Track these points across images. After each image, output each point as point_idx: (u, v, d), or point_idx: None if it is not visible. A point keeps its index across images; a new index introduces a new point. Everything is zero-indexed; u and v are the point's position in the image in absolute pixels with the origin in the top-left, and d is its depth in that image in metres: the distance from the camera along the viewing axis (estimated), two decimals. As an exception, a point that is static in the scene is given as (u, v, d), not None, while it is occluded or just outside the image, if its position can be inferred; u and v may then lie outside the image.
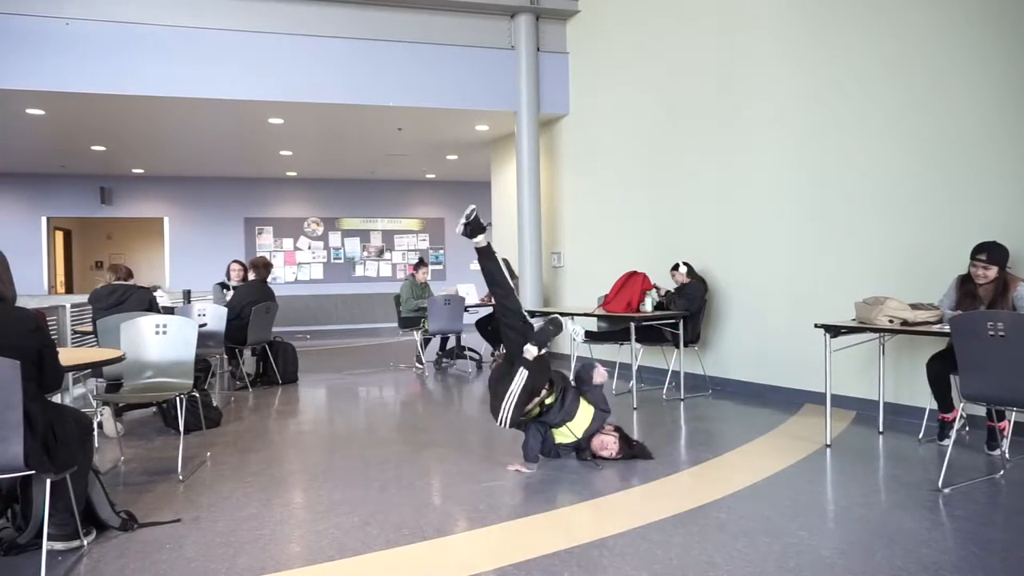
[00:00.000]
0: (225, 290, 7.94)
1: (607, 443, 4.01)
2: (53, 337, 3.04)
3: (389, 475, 3.93)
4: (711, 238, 6.65)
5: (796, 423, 5.10)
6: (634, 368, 5.95)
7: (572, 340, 6.59)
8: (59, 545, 2.83)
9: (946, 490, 3.47)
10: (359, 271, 14.58)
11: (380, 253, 14.72)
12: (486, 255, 4.28)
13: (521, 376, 3.83)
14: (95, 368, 4.34)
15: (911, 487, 3.56)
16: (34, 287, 12.22)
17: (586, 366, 4.24)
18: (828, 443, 4.38)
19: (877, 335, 4.50)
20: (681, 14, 7.00)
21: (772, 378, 6.08)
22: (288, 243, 14.20)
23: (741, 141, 6.33)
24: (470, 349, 8.57)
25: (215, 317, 6.17)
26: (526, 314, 4.31)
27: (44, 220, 13.07)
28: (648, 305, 6.08)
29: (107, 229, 16.11)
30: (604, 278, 7.03)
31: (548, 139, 9.09)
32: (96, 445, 3.61)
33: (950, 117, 4.79)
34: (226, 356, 7.31)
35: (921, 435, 4.48)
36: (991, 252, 3.96)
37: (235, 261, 8.22)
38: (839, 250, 5.52)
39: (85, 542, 2.89)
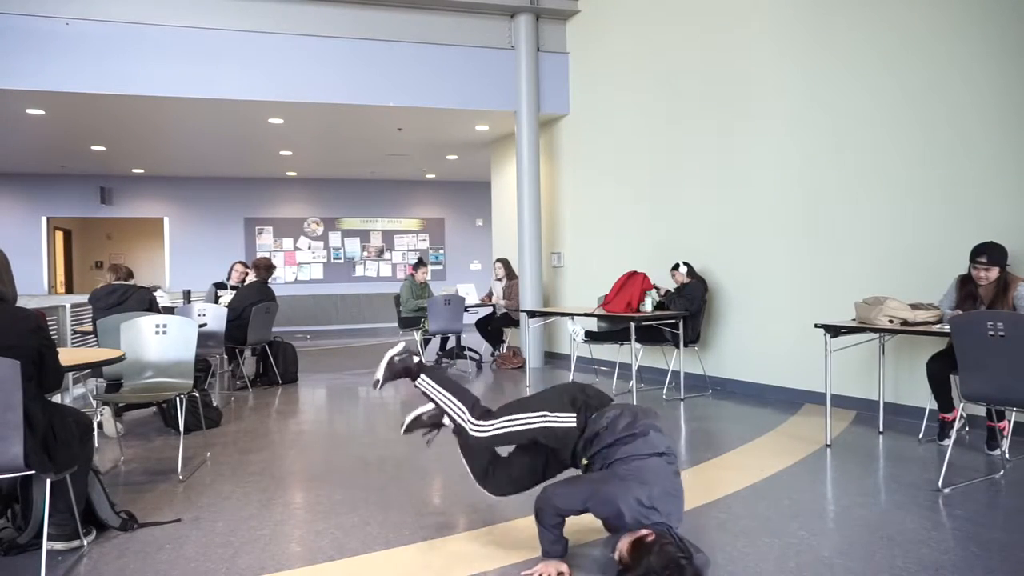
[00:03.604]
0: (220, 290, 7.93)
1: (621, 548, 2.46)
2: (53, 337, 3.03)
3: (389, 475, 3.93)
4: (711, 238, 6.65)
5: (796, 423, 5.10)
6: (634, 368, 5.95)
7: (572, 340, 6.61)
8: (59, 545, 2.84)
9: (946, 490, 3.47)
10: (359, 271, 14.58)
11: (380, 253, 14.72)
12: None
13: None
14: (95, 368, 4.34)
15: (911, 487, 3.56)
16: (34, 287, 12.21)
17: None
18: (828, 443, 4.38)
19: (877, 335, 4.50)
20: (681, 14, 7.00)
21: (772, 378, 6.08)
22: (288, 243, 14.20)
23: (741, 141, 6.33)
24: (470, 349, 8.57)
25: (215, 317, 6.17)
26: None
27: (44, 220, 13.06)
28: (648, 305, 6.08)
29: (107, 229, 16.11)
30: (604, 278, 7.04)
31: (548, 139, 9.09)
32: (96, 445, 3.61)
33: (949, 116, 4.79)
34: (226, 356, 7.31)
35: (921, 435, 4.48)
36: (991, 254, 3.95)
37: (239, 262, 8.23)
38: (839, 250, 5.52)
39: (85, 542, 2.89)
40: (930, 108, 4.90)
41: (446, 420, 2.98)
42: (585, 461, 2.67)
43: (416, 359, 3.10)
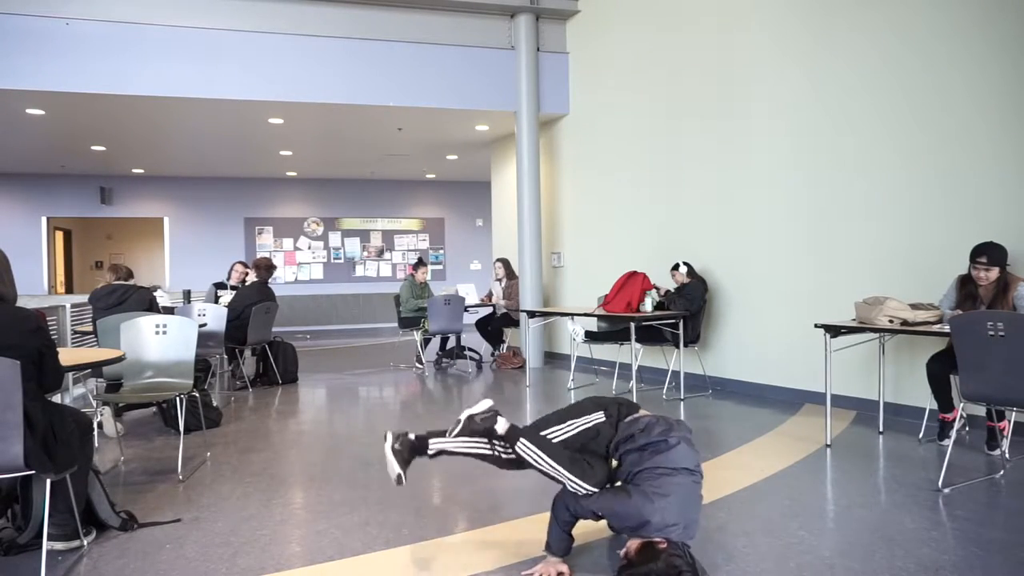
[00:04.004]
0: (220, 290, 7.93)
1: (630, 547, 2.50)
2: (53, 337, 3.03)
3: (389, 475, 3.92)
4: (711, 238, 6.65)
5: (796, 423, 5.10)
6: (634, 368, 5.96)
7: (572, 340, 6.61)
8: (59, 545, 2.84)
9: (946, 490, 3.47)
10: (359, 271, 14.58)
11: (380, 253, 14.72)
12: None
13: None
14: (95, 368, 4.33)
15: (911, 487, 3.56)
16: (34, 287, 12.22)
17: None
18: (828, 443, 4.38)
19: (877, 335, 4.50)
20: (681, 14, 7.00)
21: (772, 378, 6.08)
22: (288, 243, 14.20)
23: (741, 141, 6.33)
24: (470, 349, 8.56)
25: (215, 317, 6.18)
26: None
27: (44, 220, 13.06)
28: (648, 305, 6.08)
29: (107, 229, 16.12)
30: (604, 278, 7.04)
31: (548, 139, 9.09)
32: (96, 445, 3.61)
33: (948, 117, 4.79)
34: (226, 356, 7.31)
35: (921, 435, 4.48)
36: (991, 254, 3.95)
37: (239, 262, 8.23)
38: (839, 250, 5.52)
39: (85, 542, 2.89)
40: (930, 108, 4.90)
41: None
42: (616, 463, 2.64)
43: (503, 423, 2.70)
